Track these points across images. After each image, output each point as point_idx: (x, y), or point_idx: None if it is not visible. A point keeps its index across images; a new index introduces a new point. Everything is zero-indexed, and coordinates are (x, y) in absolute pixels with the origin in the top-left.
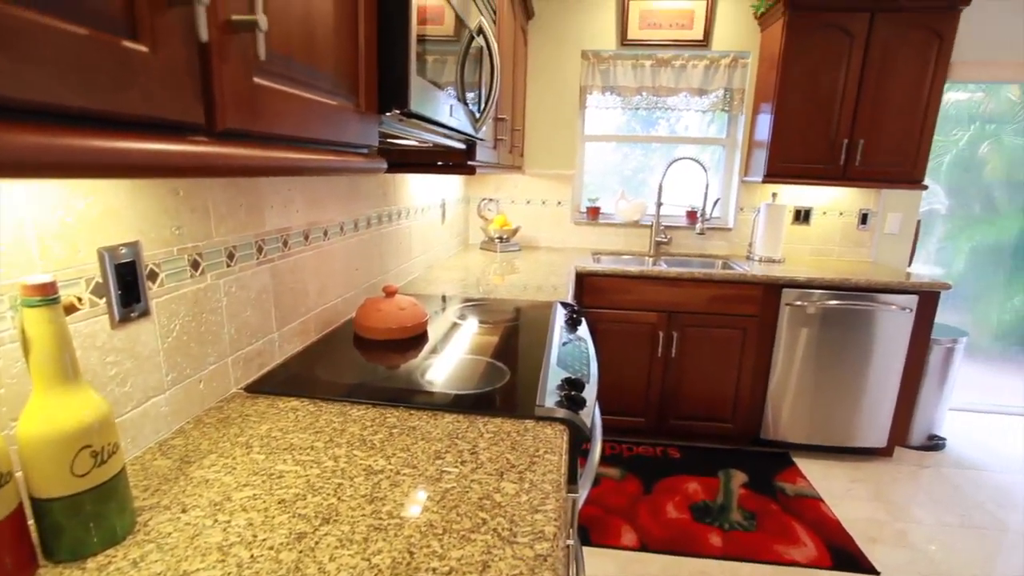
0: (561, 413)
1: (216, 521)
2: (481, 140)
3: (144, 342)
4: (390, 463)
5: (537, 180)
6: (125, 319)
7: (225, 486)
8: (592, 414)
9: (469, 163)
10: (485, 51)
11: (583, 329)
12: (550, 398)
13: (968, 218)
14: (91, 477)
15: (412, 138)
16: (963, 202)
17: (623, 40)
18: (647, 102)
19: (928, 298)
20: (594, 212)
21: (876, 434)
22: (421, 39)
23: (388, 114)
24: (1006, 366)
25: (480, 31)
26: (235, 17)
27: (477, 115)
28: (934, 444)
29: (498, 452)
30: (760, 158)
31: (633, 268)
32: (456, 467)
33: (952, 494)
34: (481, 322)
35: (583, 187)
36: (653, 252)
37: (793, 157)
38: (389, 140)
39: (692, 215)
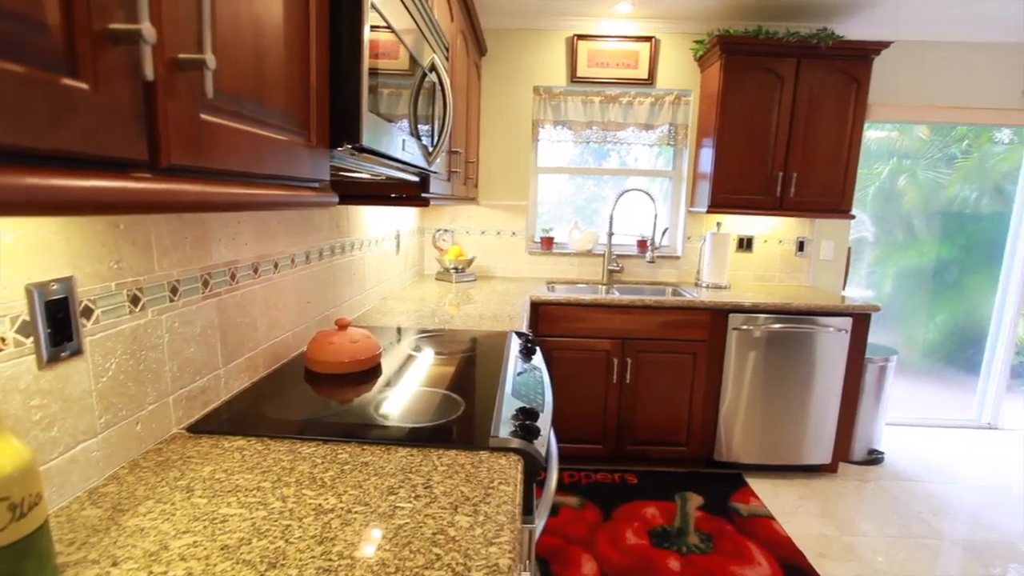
0: (515, 443)
1: (151, 573)
2: (435, 173)
3: (75, 383)
4: (341, 501)
5: (492, 211)
6: (54, 359)
7: (162, 534)
8: (547, 443)
9: (423, 195)
10: (438, 87)
11: (538, 358)
12: (504, 428)
13: (892, 244)
14: (8, 533)
15: (365, 172)
16: (887, 230)
17: (573, 77)
18: (597, 136)
19: (861, 319)
20: (548, 242)
21: (821, 451)
22: (373, 73)
23: (340, 149)
24: (933, 381)
25: (433, 68)
26: (182, 56)
27: (430, 149)
28: (874, 458)
29: (452, 485)
30: (704, 189)
31: (587, 296)
32: (409, 502)
33: (892, 506)
34: (437, 353)
35: (537, 217)
36: (606, 280)
37: (734, 189)
38: (342, 173)
39: (643, 244)
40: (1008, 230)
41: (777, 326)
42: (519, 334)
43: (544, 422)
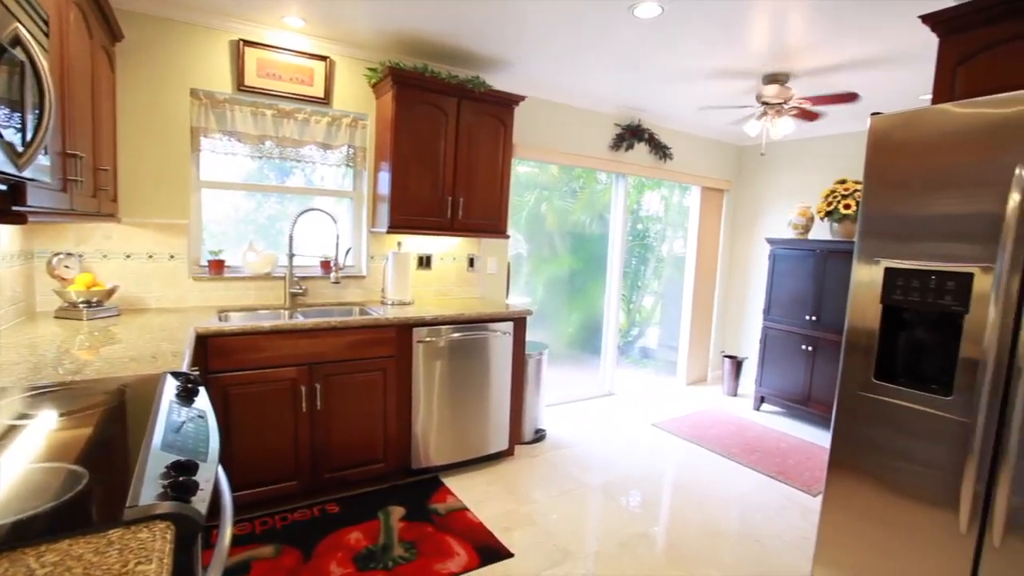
0: (164, 507)
1: None
2: (34, 180)
3: None
4: None
5: (140, 230)
6: None
7: None
8: (209, 497)
9: (15, 209)
10: (28, 68)
11: (202, 399)
12: (149, 492)
13: (541, 258)
14: None
15: None
16: (537, 247)
17: (240, 85)
18: (273, 151)
19: (520, 322)
20: (218, 266)
21: (501, 439)
22: None
23: None
24: (574, 366)
25: (17, 42)
26: None
27: (19, 148)
28: (539, 436)
29: None
30: (384, 211)
31: (266, 323)
32: None
33: (553, 472)
34: (61, 415)
35: (203, 238)
36: (289, 304)
37: (411, 211)
38: None
39: (326, 264)
40: (608, 248)
41: (456, 335)
42: (176, 375)
43: (206, 473)
